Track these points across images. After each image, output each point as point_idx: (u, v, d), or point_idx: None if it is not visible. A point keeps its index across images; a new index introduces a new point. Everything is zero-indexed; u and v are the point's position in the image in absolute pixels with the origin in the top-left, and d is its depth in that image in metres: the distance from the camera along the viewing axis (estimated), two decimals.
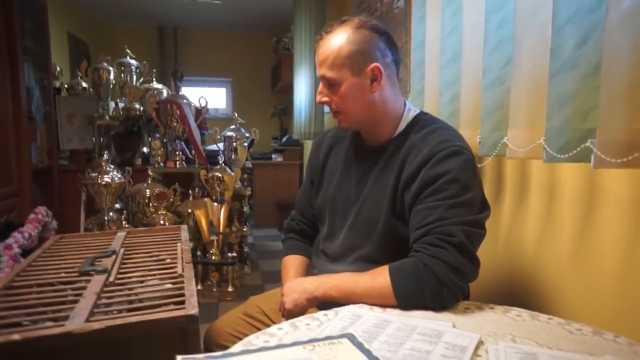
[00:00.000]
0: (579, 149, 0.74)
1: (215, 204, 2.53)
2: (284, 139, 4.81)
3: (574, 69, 0.75)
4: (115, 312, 0.74)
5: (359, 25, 0.91)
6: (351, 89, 0.91)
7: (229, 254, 2.57)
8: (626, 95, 0.65)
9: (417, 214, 0.86)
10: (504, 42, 0.96)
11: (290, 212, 1.22)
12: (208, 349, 1.06)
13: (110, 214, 2.39)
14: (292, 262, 1.11)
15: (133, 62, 3.11)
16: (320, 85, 0.95)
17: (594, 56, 0.73)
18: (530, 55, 0.85)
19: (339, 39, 0.90)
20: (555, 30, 0.76)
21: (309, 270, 1.11)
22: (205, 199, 2.56)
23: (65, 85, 3.26)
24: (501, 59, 0.97)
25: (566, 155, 0.76)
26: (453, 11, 1.16)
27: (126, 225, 2.32)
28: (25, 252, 1.83)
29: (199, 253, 2.56)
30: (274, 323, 1.04)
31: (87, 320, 0.67)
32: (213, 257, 2.52)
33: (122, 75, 3.09)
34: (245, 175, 2.98)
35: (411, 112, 0.99)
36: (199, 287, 2.46)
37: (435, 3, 1.29)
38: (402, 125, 0.97)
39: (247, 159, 2.89)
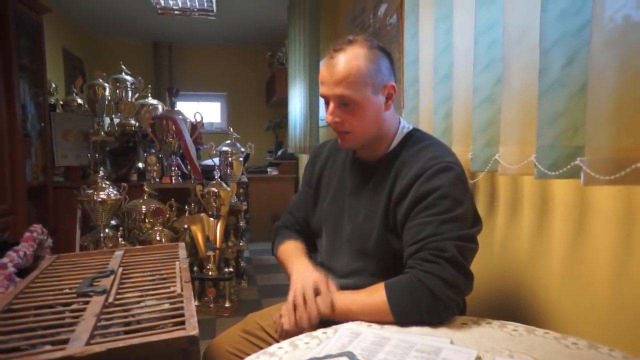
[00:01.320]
0: (569, 166, 0.77)
1: (212, 219, 2.53)
2: (279, 153, 4.83)
3: (561, 89, 0.78)
4: (115, 334, 0.74)
5: (371, 45, 0.92)
6: (371, 108, 0.91)
7: (226, 269, 2.56)
8: (612, 115, 0.67)
9: (410, 230, 0.88)
10: (493, 62, 0.98)
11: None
12: None
13: (106, 230, 2.38)
14: (296, 247, 1.07)
15: (128, 78, 3.13)
16: (332, 106, 0.92)
17: (581, 76, 0.76)
18: (520, 75, 0.88)
19: (357, 57, 0.89)
20: (543, 52, 0.79)
21: None
22: (202, 214, 2.56)
23: (61, 102, 3.27)
24: (491, 78, 0.99)
25: (557, 173, 0.78)
26: (445, 30, 1.19)
27: (122, 242, 2.31)
28: (21, 271, 1.81)
29: (195, 269, 2.55)
30: (273, 339, 1.05)
31: (88, 343, 0.67)
32: (210, 273, 2.51)
33: (117, 91, 3.10)
34: (241, 190, 2.98)
35: (405, 128, 1.01)
36: (196, 303, 2.44)
37: (427, 20, 1.32)
38: (395, 142, 0.99)
39: (242, 173, 2.90)
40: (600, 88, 0.68)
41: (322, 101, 3.42)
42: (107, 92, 3.06)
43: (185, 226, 2.54)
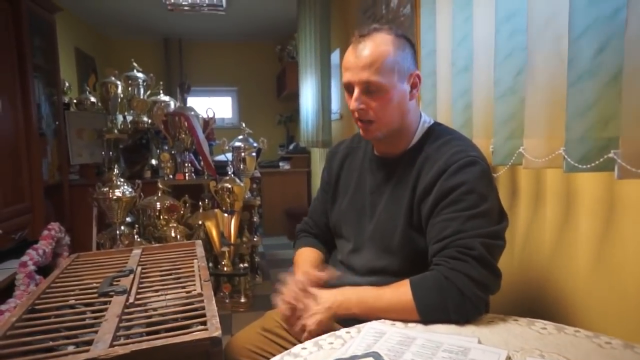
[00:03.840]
0: (601, 159, 0.73)
1: (226, 214, 2.53)
2: (291, 147, 4.82)
3: (592, 78, 0.74)
4: (137, 335, 0.74)
5: (397, 34, 0.90)
6: (396, 95, 0.89)
7: (241, 265, 2.57)
8: None
9: (435, 226, 0.85)
10: (515, 52, 0.95)
11: (300, 218, 1.22)
12: None
13: (122, 228, 2.40)
14: (307, 255, 1.09)
15: (140, 75, 3.14)
16: (357, 92, 0.88)
17: (613, 64, 0.72)
18: (546, 65, 0.85)
19: (385, 43, 0.87)
20: (573, 39, 0.75)
21: (326, 282, 1.10)
22: (216, 210, 2.56)
23: (74, 100, 3.30)
24: (513, 69, 0.96)
25: (588, 166, 0.75)
26: (464, 19, 1.15)
27: (138, 239, 2.33)
28: (40, 269, 1.84)
29: (210, 264, 2.56)
30: (293, 336, 1.04)
31: (111, 345, 0.67)
32: (225, 269, 2.52)
33: (129, 88, 3.11)
34: (255, 185, 2.98)
35: (426, 123, 0.98)
36: None
37: (444, 10, 1.28)
38: (417, 136, 0.97)
39: (255, 168, 2.90)
40: (636, 76, 0.65)
41: (334, 93, 3.36)
42: (119, 90, 3.07)
43: (200, 222, 2.55)
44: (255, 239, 2.83)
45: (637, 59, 0.65)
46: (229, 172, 2.58)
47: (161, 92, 3.17)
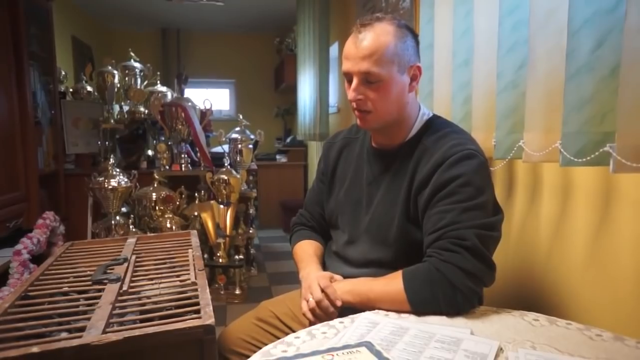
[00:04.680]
0: (597, 153, 0.74)
1: (222, 206, 2.53)
2: (288, 140, 4.80)
3: (590, 72, 0.74)
4: (130, 322, 0.74)
5: (399, 24, 0.89)
6: (395, 87, 0.88)
7: (236, 257, 2.57)
8: None
9: (430, 218, 0.86)
10: (518, 45, 0.95)
11: (297, 212, 1.21)
12: (221, 356, 1.06)
13: (117, 218, 2.39)
14: (307, 248, 1.08)
15: (137, 65, 3.11)
16: (355, 82, 0.88)
17: (612, 59, 0.72)
18: (546, 58, 0.85)
19: (386, 33, 0.85)
20: (571, 33, 0.75)
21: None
22: (212, 202, 2.56)
23: (70, 89, 3.27)
24: (515, 62, 0.96)
25: (584, 160, 0.76)
26: (466, 12, 1.15)
27: (133, 230, 2.32)
28: (34, 258, 1.83)
29: (205, 256, 2.56)
30: (287, 327, 1.04)
31: (104, 332, 0.67)
32: (220, 260, 2.52)
33: (126, 78, 3.08)
34: (251, 177, 2.97)
35: (425, 115, 0.98)
36: None
37: (444, 4, 1.28)
38: (415, 128, 0.96)
39: (252, 161, 2.89)
40: (634, 71, 0.65)
41: (332, 87, 3.35)
42: (116, 80, 3.04)
43: (196, 213, 2.55)
44: (250, 231, 2.83)
45: (635, 54, 0.65)
46: (226, 164, 2.58)
47: (158, 82, 3.15)
